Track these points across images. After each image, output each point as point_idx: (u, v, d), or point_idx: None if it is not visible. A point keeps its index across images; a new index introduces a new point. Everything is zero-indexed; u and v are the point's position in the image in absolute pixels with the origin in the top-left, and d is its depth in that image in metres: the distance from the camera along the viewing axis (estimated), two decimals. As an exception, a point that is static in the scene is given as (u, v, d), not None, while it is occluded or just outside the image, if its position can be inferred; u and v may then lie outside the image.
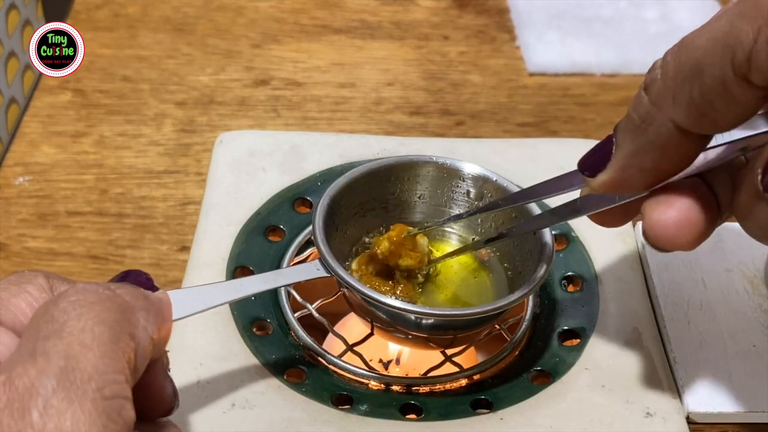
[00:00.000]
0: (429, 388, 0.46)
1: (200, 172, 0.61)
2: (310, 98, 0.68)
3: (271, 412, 0.43)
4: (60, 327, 0.28)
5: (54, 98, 0.67)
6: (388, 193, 0.49)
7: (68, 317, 0.29)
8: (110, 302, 0.30)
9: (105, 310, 0.29)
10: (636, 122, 0.33)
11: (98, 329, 0.28)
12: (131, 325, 0.30)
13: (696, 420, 0.46)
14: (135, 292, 0.32)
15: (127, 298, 0.31)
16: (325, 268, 0.43)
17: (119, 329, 0.29)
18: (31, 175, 0.61)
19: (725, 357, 0.48)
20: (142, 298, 0.32)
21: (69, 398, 0.26)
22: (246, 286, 0.41)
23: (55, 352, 0.27)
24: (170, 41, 0.73)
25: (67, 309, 0.29)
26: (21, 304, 0.31)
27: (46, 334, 0.28)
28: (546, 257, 0.44)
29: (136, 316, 0.31)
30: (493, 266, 0.48)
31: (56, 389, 0.26)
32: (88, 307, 0.29)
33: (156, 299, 0.33)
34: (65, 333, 0.28)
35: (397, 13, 0.77)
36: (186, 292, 0.38)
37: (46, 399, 0.26)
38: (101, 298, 0.30)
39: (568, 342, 0.48)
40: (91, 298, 0.30)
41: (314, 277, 0.43)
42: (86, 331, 0.28)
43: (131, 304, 0.31)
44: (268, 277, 0.42)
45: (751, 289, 0.52)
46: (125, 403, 0.28)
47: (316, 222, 0.44)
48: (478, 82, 0.70)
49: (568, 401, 0.45)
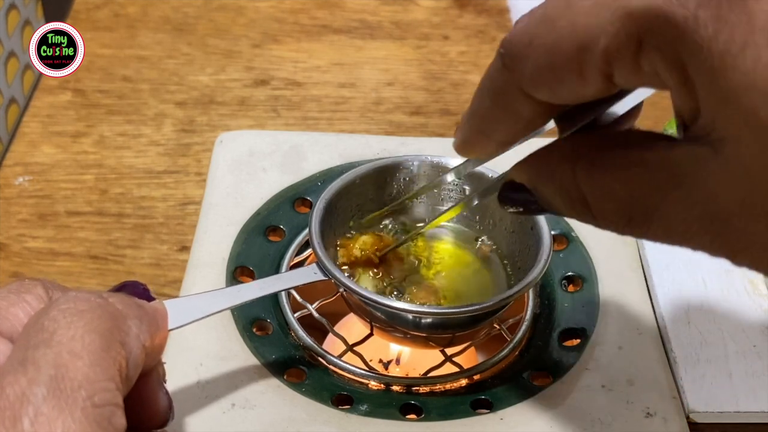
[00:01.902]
0: (429, 388, 0.46)
1: (200, 172, 0.61)
2: (310, 98, 0.68)
3: (271, 412, 0.43)
4: (50, 336, 0.28)
5: (54, 98, 0.67)
6: (384, 194, 0.49)
7: (58, 326, 0.29)
8: (101, 310, 0.30)
9: (95, 318, 0.29)
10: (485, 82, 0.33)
11: (88, 338, 0.28)
12: (122, 333, 0.30)
13: (696, 420, 0.46)
14: (127, 301, 0.32)
15: (119, 306, 0.31)
16: (323, 271, 0.43)
17: (110, 337, 0.29)
18: (31, 175, 0.61)
19: (725, 357, 0.48)
20: (134, 307, 0.32)
21: (59, 406, 0.27)
22: (244, 292, 0.41)
23: (44, 361, 0.27)
24: (170, 41, 0.73)
25: (57, 317, 0.29)
26: (19, 314, 0.31)
27: (36, 343, 0.28)
28: (543, 253, 0.44)
29: (127, 324, 0.31)
30: (492, 263, 0.48)
31: (46, 397, 0.27)
32: (78, 316, 0.29)
33: (150, 308, 0.33)
34: (54, 342, 0.28)
35: (397, 13, 0.77)
36: (184, 301, 0.38)
37: (36, 407, 0.26)
38: (92, 306, 0.30)
39: (568, 342, 0.48)
40: (81, 306, 0.30)
41: (312, 281, 0.43)
42: (76, 339, 0.28)
43: (123, 312, 0.31)
44: (265, 282, 0.42)
45: (751, 289, 0.52)
46: (116, 411, 0.28)
47: (312, 226, 0.44)
48: (478, 82, 0.70)
49: (568, 401, 0.45)
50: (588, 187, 0.30)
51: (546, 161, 0.32)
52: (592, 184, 0.30)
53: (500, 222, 0.48)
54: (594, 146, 0.30)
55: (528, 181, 0.33)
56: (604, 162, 0.29)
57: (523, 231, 0.46)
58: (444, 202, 0.50)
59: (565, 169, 0.31)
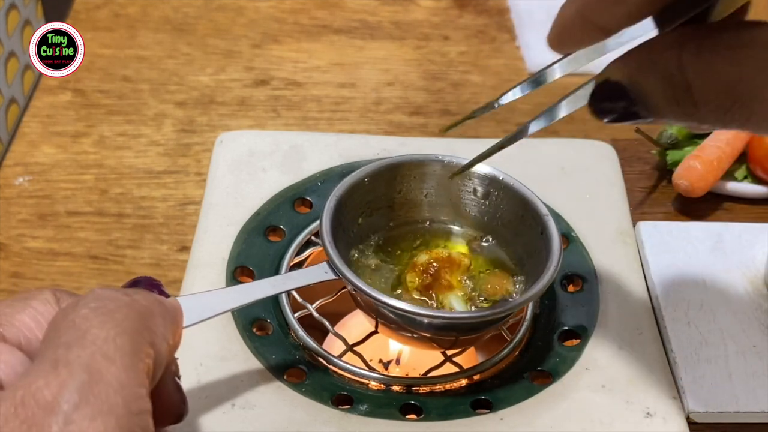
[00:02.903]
0: (429, 388, 0.46)
1: (200, 172, 0.61)
2: (310, 98, 0.68)
3: (272, 413, 0.43)
4: (82, 334, 0.28)
5: (54, 98, 0.67)
6: (394, 191, 0.49)
7: (90, 324, 0.28)
8: (130, 309, 0.29)
9: (125, 319, 0.29)
10: None
11: (120, 340, 0.28)
12: (151, 333, 0.30)
13: (696, 420, 0.46)
14: (151, 298, 0.31)
15: (145, 303, 0.30)
16: (333, 270, 0.43)
17: (140, 339, 0.29)
18: (31, 175, 0.61)
19: (725, 357, 0.48)
20: (158, 304, 0.31)
21: (92, 414, 0.26)
22: (254, 290, 0.41)
23: (78, 363, 0.27)
24: (170, 41, 0.73)
25: (89, 316, 0.28)
26: (25, 319, 0.31)
27: (68, 341, 0.28)
28: (553, 257, 0.44)
29: (155, 323, 0.30)
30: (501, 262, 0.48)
31: (78, 405, 0.26)
32: (109, 315, 0.29)
33: (170, 305, 0.32)
34: (88, 342, 0.27)
35: (397, 13, 0.77)
36: (194, 299, 0.37)
37: (67, 415, 0.26)
38: (121, 305, 0.29)
39: (568, 342, 0.48)
40: (111, 305, 0.29)
41: (322, 280, 0.43)
42: (109, 341, 0.28)
43: (150, 309, 0.30)
44: (276, 281, 0.42)
45: (751, 289, 0.52)
46: (148, 418, 0.28)
47: (323, 224, 0.44)
48: (478, 82, 0.70)
49: (568, 401, 0.45)
50: (694, 70, 0.30)
51: (648, 51, 0.31)
52: (698, 65, 0.29)
53: (507, 223, 0.48)
54: (701, 34, 0.30)
55: (627, 75, 0.32)
56: (712, 44, 0.29)
57: (531, 232, 0.46)
58: (456, 202, 0.49)
59: (671, 55, 0.30)
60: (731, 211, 0.60)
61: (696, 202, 0.59)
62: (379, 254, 0.48)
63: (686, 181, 0.58)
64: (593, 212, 0.55)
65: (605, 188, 0.56)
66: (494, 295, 0.46)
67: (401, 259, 0.48)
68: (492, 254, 0.49)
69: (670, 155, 0.61)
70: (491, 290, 0.46)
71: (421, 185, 0.49)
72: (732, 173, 0.60)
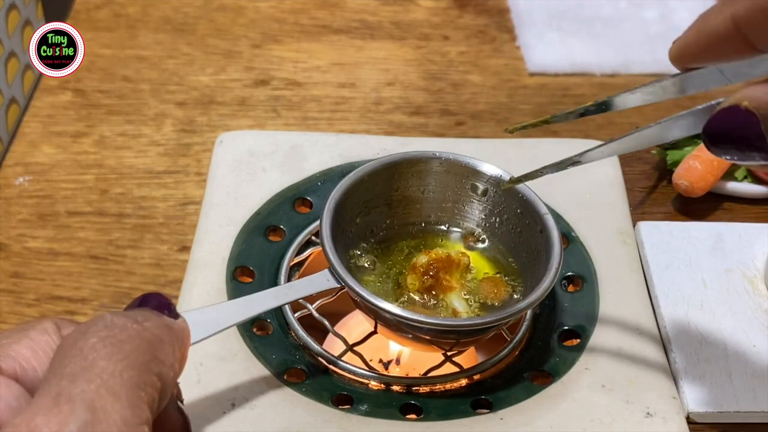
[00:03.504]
0: (429, 388, 0.46)
1: (200, 172, 0.61)
2: (310, 98, 0.68)
3: (272, 412, 0.43)
4: (89, 366, 0.27)
5: (54, 98, 0.67)
6: (392, 189, 0.49)
7: (98, 355, 0.27)
8: (140, 340, 0.29)
9: (135, 351, 0.28)
10: None
11: (127, 374, 0.27)
12: (159, 364, 0.29)
13: (696, 420, 0.46)
14: (161, 325, 0.31)
15: (156, 332, 0.30)
16: (335, 278, 0.43)
17: (147, 371, 0.28)
18: (31, 175, 0.61)
19: (725, 357, 0.48)
20: (166, 330, 0.31)
21: None
22: (259, 303, 0.41)
23: (81, 399, 0.26)
24: (170, 41, 0.73)
25: (97, 346, 0.28)
26: (21, 350, 0.30)
27: (74, 372, 0.27)
28: (554, 259, 0.44)
29: (164, 352, 0.30)
30: (499, 262, 0.48)
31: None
32: (118, 347, 0.28)
33: (179, 329, 0.32)
34: (94, 375, 0.27)
35: (397, 13, 0.77)
36: (199, 314, 0.37)
37: None
38: (131, 335, 0.29)
39: (568, 342, 0.48)
40: (121, 335, 0.28)
41: (325, 288, 0.43)
42: (116, 375, 0.27)
43: (160, 338, 0.30)
44: (279, 291, 0.42)
45: (751, 289, 0.52)
46: None
47: (323, 229, 0.44)
48: (479, 82, 0.70)
49: (568, 401, 0.45)
50: None
51: None
52: None
53: (507, 221, 0.48)
54: None
55: (764, 102, 0.29)
56: None
57: (530, 230, 0.46)
58: (454, 199, 0.49)
59: None
60: (731, 211, 0.60)
61: (696, 202, 0.59)
62: (378, 253, 0.48)
63: (686, 181, 0.58)
64: (593, 212, 0.55)
65: (605, 188, 0.56)
66: (492, 300, 0.46)
67: (400, 257, 0.48)
68: (490, 253, 0.49)
69: (670, 155, 0.61)
70: (485, 297, 0.46)
71: (419, 182, 0.49)
72: (732, 173, 0.60)
